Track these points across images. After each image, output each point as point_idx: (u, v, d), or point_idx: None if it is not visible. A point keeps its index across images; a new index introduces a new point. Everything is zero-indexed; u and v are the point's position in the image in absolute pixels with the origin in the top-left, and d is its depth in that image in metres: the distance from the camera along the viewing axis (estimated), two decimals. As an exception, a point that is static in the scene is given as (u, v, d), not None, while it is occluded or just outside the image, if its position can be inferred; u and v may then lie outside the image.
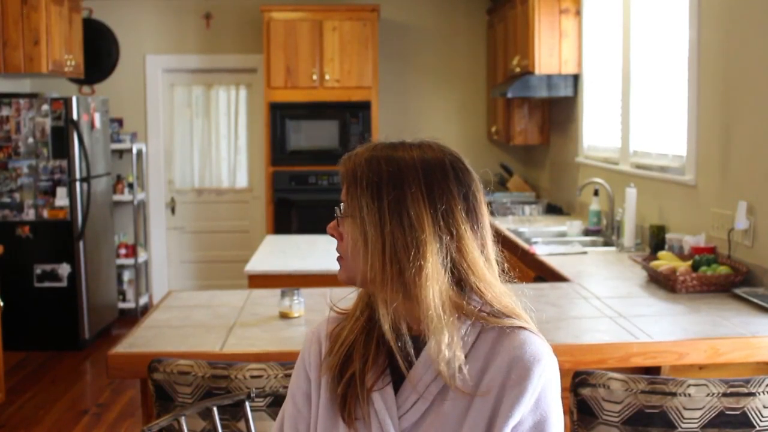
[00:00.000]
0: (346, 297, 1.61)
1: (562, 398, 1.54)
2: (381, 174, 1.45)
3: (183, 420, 1.96)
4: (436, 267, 1.43)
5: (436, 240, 1.44)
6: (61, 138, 6.29)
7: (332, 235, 1.53)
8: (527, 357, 1.43)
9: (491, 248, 1.51)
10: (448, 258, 1.45)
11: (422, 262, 1.42)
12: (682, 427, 2.06)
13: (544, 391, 1.43)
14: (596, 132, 5.78)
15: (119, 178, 7.48)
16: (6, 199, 6.30)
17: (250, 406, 2.04)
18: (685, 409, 2.05)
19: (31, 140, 6.27)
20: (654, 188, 4.55)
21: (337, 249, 1.52)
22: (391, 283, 1.43)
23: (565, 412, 2.13)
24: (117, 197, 7.39)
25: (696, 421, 2.05)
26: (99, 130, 6.79)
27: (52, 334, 6.40)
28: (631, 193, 4.53)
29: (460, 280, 1.47)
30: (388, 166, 1.45)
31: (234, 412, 2.21)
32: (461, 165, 1.50)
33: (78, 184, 6.37)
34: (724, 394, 2.05)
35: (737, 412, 2.06)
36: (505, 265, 1.55)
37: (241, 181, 7.94)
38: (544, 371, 1.43)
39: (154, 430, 1.92)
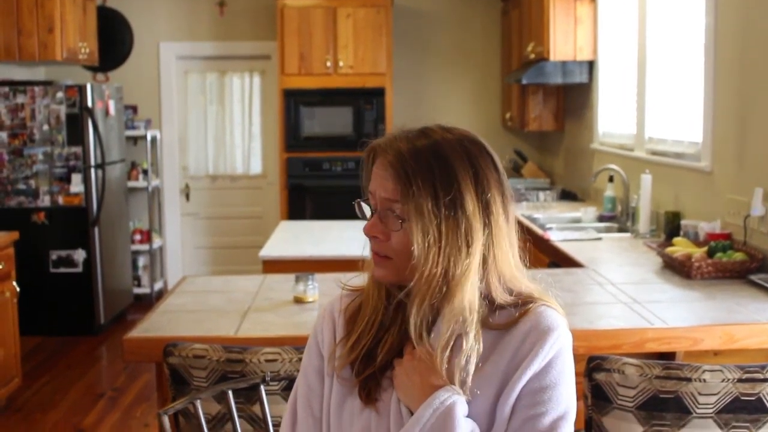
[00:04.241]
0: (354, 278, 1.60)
1: (577, 383, 1.54)
2: (432, 170, 1.41)
3: (198, 403, 1.97)
4: (477, 265, 1.43)
5: (483, 235, 1.43)
6: (75, 125, 6.31)
7: (373, 237, 1.46)
8: (542, 327, 1.44)
9: (516, 238, 1.51)
10: (487, 253, 1.45)
11: (470, 260, 1.42)
12: (696, 413, 2.05)
13: (556, 359, 1.43)
14: (611, 118, 5.75)
15: (134, 165, 7.50)
16: (21, 186, 6.33)
17: (265, 390, 2.05)
18: (700, 394, 2.05)
19: (46, 127, 6.29)
20: (669, 175, 4.53)
21: (379, 250, 1.46)
22: (440, 281, 1.41)
23: (579, 397, 2.13)
24: (132, 184, 7.41)
25: (711, 406, 2.05)
26: (113, 117, 6.81)
27: (67, 319, 6.44)
28: (647, 179, 4.51)
29: (488, 275, 1.46)
30: (437, 161, 1.42)
31: (249, 396, 2.21)
32: (492, 150, 1.50)
33: (93, 170, 6.39)
34: (740, 380, 2.05)
35: (752, 398, 2.05)
36: (527, 256, 1.54)
37: (255, 167, 7.94)
38: (558, 339, 1.43)
39: (169, 413, 1.93)
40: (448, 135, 1.47)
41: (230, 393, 2.00)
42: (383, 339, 1.50)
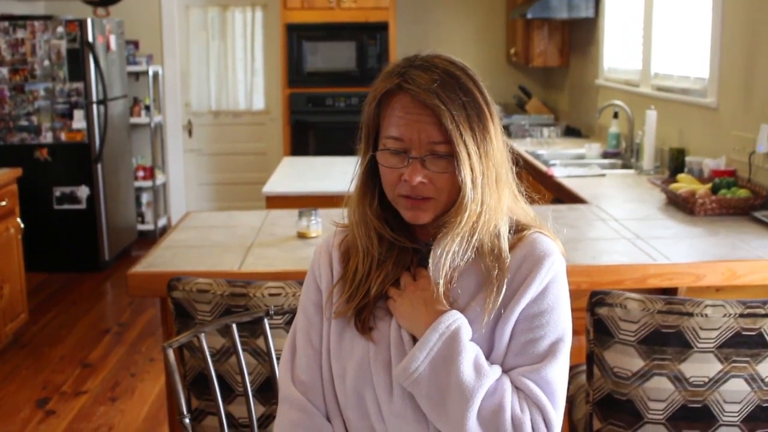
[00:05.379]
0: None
1: (579, 318, 1.56)
2: (464, 105, 1.42)
3: (202, 337, 1.98)
4: (507, 193, 1.51)
5: (507, 162, 1.50)
6: (76, 60, 6.26)
7: (421, 185, 1.43)
8: (537, 252, 1.47)
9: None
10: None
11: (502, 189, 1.48)
12: (698, 347, 2.07)
13: (552, 284, 1.46)
14: (617, 54, 5.69)
15: (136, 101, 7.46)
16: (24, 122, 6.30)
17: (269, 324, 2.06)
18: (701, 329, 2.06)
19: (47, 63, 6.24)
20: (675, 111, 4.50)
21: (420, 192, 1.44)
22: (483, 214, 1.44)
23: (581, 332, 2.14)
24: (134, 120, 7.38)
25: (712, 341, 2.06)
26: (115, 52, 6.75)
27: (72, 255, 6.47)
28: (651, 115, 4.48)
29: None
30: (464, 94, 1.43)
31: (253, 330, 2.23)
32: None
33: (95, 106, 6.36)
34: (741, 315, 2.06)
35: (753, 333, 2.06)
36: (524, 185, 1.58)
37: (258, 103, 7.90)
38: (553, 265, 1.47)
39: (174, 346, 1.94)
40: (449, 64, 1.47)
41: (234, 326, 2.02)
42: (377, 273, 1.52)
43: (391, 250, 1.52)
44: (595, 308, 2.14)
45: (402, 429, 1.47)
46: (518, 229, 1.52)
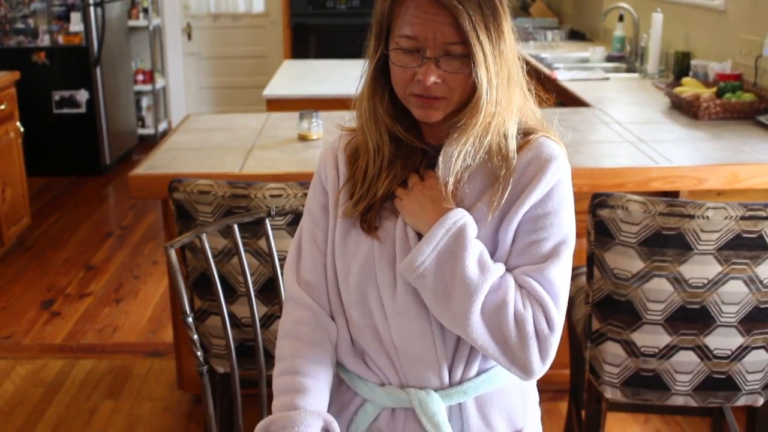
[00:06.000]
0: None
1: (580, 221, 1.56)
2: (481, 6, 1.38)
3: (204, 237, 1.98)
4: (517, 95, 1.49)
5: (519, 62, 1.49)
6: (72, -40, 6.14)
7: (434, 84, 1.41)
8: (543, 156, 1.47)
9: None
10: None
11: (513, 90, 1.46)
12: (698, 249, 2.07)
13: (557, 187, 1.46)
14: (624, -46, 5.57)
15: (134, 3, 7.34)
16: (20, 25, 6.21)
17: (270, 224, 2.06)
18: (702, 231, 2.06)
19: (41, -38, 6.12)
20: (681, 13, 4.43)
21: (432, 92, 1.42)
22: (496, 115, 1.43)
23: (582, 234, 2.15)
24: (132, 23, 7.27)
25: (713, 243, 2.07)
26: (111, -49, 6.61)
27: (73, 159, 6.46)
28: (657, 18, 4.41)
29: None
30: None
31: (254, 231, 2.24)
32: None
33: (92, 9, 6.25)
34: (742, 218, 2.06)
35: (754, 235, 2.06)
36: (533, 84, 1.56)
37: (258, 5, 7.77)
38: (558, 168, 1.46)
39: (176, 246, 1.95)
40: None
41: (236, 227, 2.02)
42: (386, 173, 1.51)
43: (400, 150, 1.52)
44: (596, 210, 2.14)
45: (404, 326, 1.49)
46: (525, 132, 1.51)
